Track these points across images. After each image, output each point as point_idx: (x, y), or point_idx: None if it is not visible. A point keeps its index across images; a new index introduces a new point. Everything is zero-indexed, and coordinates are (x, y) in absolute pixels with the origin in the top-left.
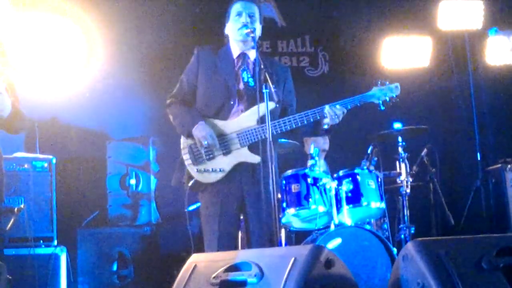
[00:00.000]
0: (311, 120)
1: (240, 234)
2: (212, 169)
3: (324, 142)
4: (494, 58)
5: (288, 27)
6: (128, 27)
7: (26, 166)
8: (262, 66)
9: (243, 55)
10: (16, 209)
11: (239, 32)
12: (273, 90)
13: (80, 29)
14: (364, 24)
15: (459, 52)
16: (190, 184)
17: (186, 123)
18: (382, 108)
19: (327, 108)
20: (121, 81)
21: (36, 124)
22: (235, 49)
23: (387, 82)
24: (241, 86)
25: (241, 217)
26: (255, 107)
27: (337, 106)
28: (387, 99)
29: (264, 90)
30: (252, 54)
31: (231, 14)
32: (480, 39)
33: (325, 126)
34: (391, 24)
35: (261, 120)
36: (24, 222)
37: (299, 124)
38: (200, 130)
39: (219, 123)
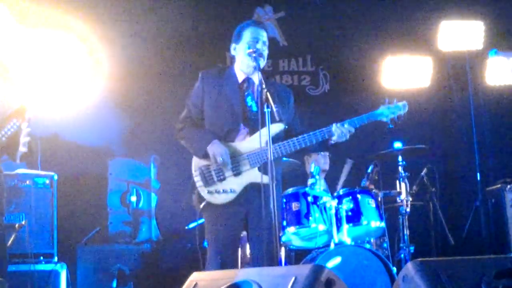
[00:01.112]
0: (320, 139)
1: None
2: (223, 190)
3: (324, 162)
4: (494, 78)
5: (290, 46)
6: (132, 45)
7: (28, 182)
8: (264, 86)
9: (247, 80)
10: (17, 225)
11: (251, 58)
12: (274, 109)
13: (84, 46)
14: (365, 44)
15: (459, 72)
16: (201, 206)
17: (202, 142)
18: (391, 126)
19: (334, 127)
20: (124, 99)
21: (39, 141)
22: (240, 73)
23: (395, 100)
24: (246, 110)
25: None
26: (263, 130)
27: (345, 125)
28: (396, 117)
29: (265, 110)
30: (256, 78)
31: (243, 37)
32: (480, 60)
33: (332, 142)
34: (392, 44)
35: (272, 141)
36: (24, 239)
37: (308, 144)
38: (215, 148)
39: (229, 144)
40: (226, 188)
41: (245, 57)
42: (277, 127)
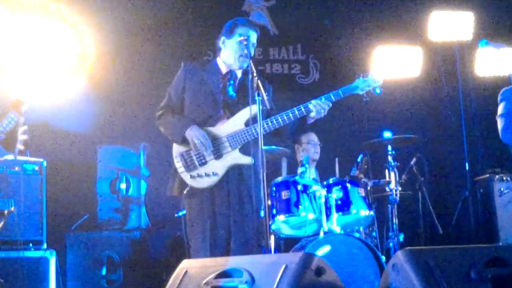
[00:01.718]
0: (298, 116)
1: None
2: (205, 173)
3: (314, 152)
4: (484, 69)
5: (280, 35)
6: (122, 34)
7: (16, 168)
8: (254, 74)
9: (230, 73)
10: (6, 211)
11: (241, 59)
12: (265, 97)
13: (74, 33)
14: (356, 33)
15: (449, 62)
16: (185, 192)
17: (179, 127)
18: (367, 99)
19: (312, 103)
20: (113, 86)
21: (27, 127)
22: (223, 66)
23: (369, 74)
24: (226, 98)
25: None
26: (241, 112)
27: (322, 99)
28: (372, 90)
29: (256, 97)
30: (239, 73)
31: (236, 33)
32: (470, 50)
33: (310, 120)
34: (382, 34)
35: (250, 121)
36: (13, 225)
37: (286, 121)
38: (194, 132)
39: (209, 128)
40: (209, 171)
41: (234, 55)
42: (253, 109)
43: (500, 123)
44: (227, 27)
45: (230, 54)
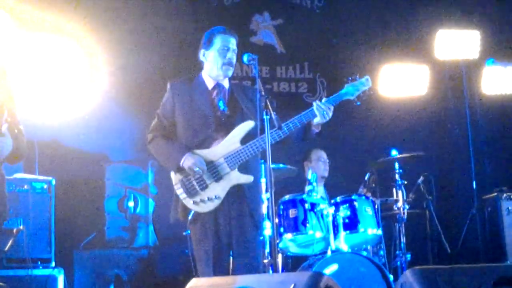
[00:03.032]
0: (304, 121)
1: None
2: (208, 197)
3: (324, 169)
4: (490, 87)
5: (287, 53)
6: (130, 51)
7: (25, 187)
8: (263, 93)
9: (217, 86)
10: (14, 230)
11: (223, 68)
12: (274, 116)
13: (83, 51)
14: (362, 51)
15: (455, 81)
16: (190, 217)
17: (173, 157)
18: (358, 103)
19: (315, 105)
20: (122, 104)
21: (36, 145)
22: (209, 80)
23: (357, 77)
24: (218, 114)
25: None
26: (235, 130)
27: (323, 101)
28: (361, 93)
29: (264, 117)
30: (226, 83)
31: (214, 44)
32: (476, 69)
33: (315, 130)
34: (389, 52)
35: (244, 140)
36: (22, 243)
37: (292, 129)
38: (188, 160)
39: (204, 152)
40: (211, 195)
41: (216, 66)
42: (247, 125)
43: None
44: (205, 39)
45: (213, 66)
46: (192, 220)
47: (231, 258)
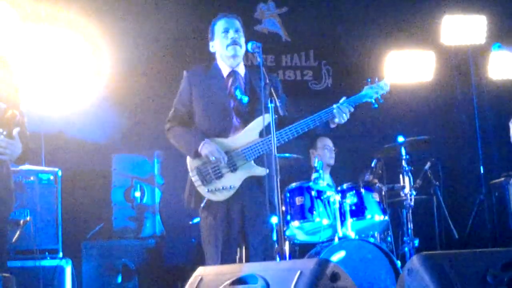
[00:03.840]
0: (324, 120)
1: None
2: (223, 187)
3: (330, 157)
4: (497, 72)
5: (292, 41)
6: (135, 42)
7: (32, 178)
8: (267, 81)
9: (233, 73)
10: (22, 221)
11: (229, 49)
12: (278, 104)
13: (88, 43)
14: (368, 38)
15: (462, 66)
16: (202, 205)
17: (192, 143)
18: (376, 106)
19: (335, 107)
20: (127, 95)
21: (42, 137)
22: (224, 67)
23: (376, 79)
24: (235, 103)
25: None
26: (254, 122)
27: (344, 104)
28: (379, 96)
29: (269, 105)
30: (241, 70)
31: (216, 32)
32: (483, 54)
33: (332, 126)
34: (394, 38)
35: (264, 132)
36: (29, 235)
37: (312, 127)
38: (206, 147)
39: (223, 141)
40: (226, 185)
41: (223, 50)
42: (268, 118)
43: (511, 128)
44: (210, 31)
45: (221, 52)
46: (204, 207)
47: (238, 249)
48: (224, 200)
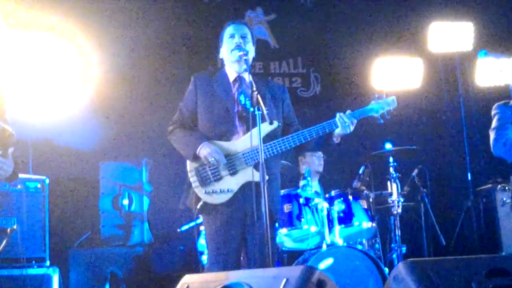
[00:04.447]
0: (326, 131)
1: None
2: (221, 190)
3: (318, 164)
4: (484, 79)
5: (281, 48)
6: (123, 49)
7: (19, 186)
8: (254, 89)
9: (239, 79)
10: (8, 230)
11: (233, 53)
12: (265, 112)
13: (76, 50)
14: (356, 45)
15: (449, 73)
16: (198, 206)
17: (191, 144)
18: (381, 121)
19: (337, 116)
20: (115, 102)
21: (29, 145)
22: (231, 72)
23: (384, 95)
24: (240, 109)
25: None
26: (257, 128)
27: (347, 113)
28: (385, 112)
29: (256, 112)
30: (247, 77)
31: (223, 38)
32: (470, 61)
33: (335, 140)
34: (382, 45)
35: (265, 139)
36: (16, 243)
37: (314, 136)
38: (205, 149)
39: (224, 144)
40: (224, 188)
41: (228, 55)
42: (270, 126)
43: (491, 136)
44: (219, 37)
45: (227, 57)
46: (207, 211)
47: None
48: (228, 206)
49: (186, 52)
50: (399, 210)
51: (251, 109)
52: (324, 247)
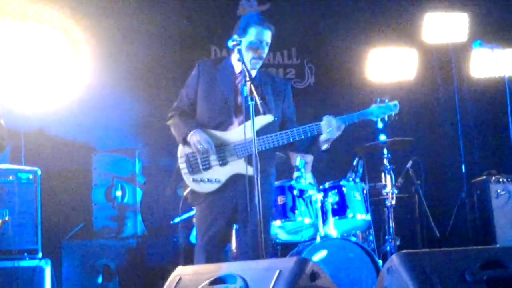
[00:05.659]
0: (308, 134)
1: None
2: (208, 179)
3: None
4: (479, 70)
5: (275, 39)
6: (115, 39)
7: (11, 178)
8: (247, 79)
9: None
10: (0, 221)
11: (252, 61)
12: (258, 102)
13: (68, 40)
14: (350, 36)
15: (444, 64)
16: (185, 193)
17: (182, 130)
18: (380, 126)
19: (324, 119)
20: (108, 93)
21: (22, 135)
22: (237, 65)
23: (387, 100)
24: (240, 100)
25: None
26: (254, 120)
27: (333, 121)
28: (385, 117)
29: (250, 102)
30: (253, 73)
31: (248, 34)
32: (465, 52)
33: (324, 146)
34: (377, 36)
35: (259, 132)
36: (8, 235)
37: (294, 139)
38: (195, 135)
39: (218, 133)
40: (211, 177)
41: (246, 56)
42: (265, 119)
43: None
44: (240, 26)
45: (245, 57)
46: (198, 200)
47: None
48: (213, 194)
49: (180, 42)
50: (393, 202)
51: (250, 101)
52: (318, 239)
